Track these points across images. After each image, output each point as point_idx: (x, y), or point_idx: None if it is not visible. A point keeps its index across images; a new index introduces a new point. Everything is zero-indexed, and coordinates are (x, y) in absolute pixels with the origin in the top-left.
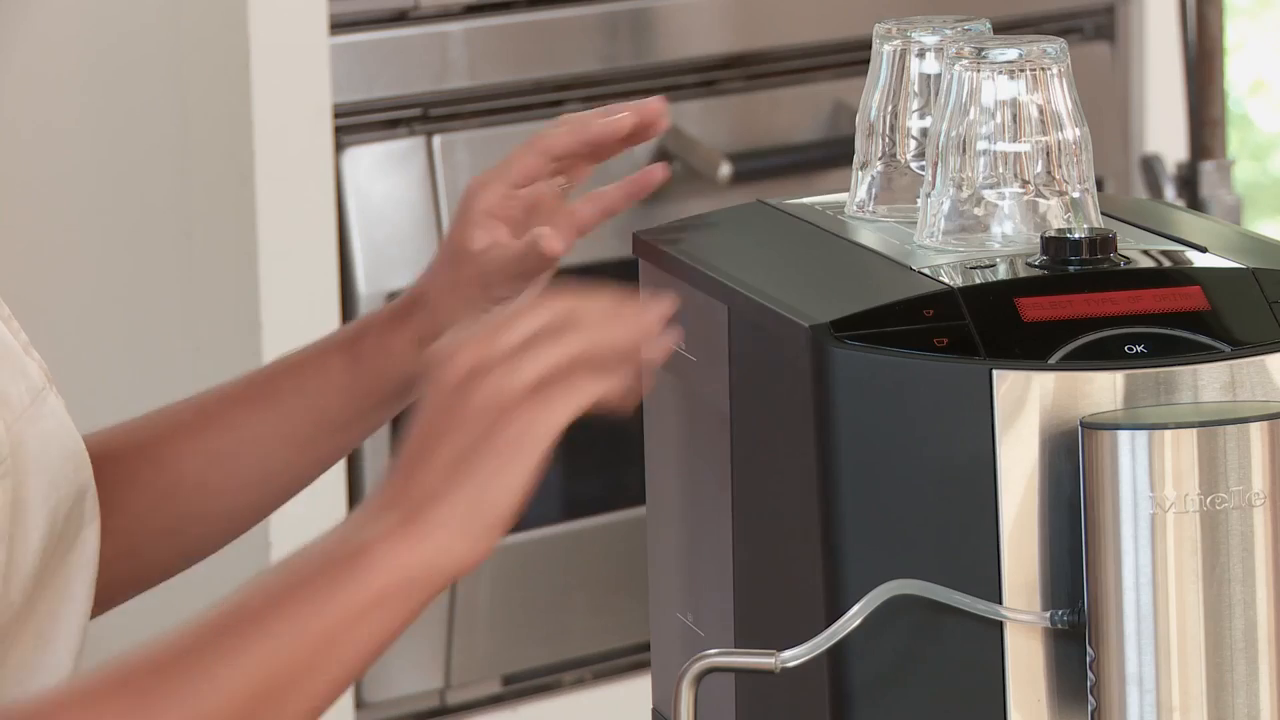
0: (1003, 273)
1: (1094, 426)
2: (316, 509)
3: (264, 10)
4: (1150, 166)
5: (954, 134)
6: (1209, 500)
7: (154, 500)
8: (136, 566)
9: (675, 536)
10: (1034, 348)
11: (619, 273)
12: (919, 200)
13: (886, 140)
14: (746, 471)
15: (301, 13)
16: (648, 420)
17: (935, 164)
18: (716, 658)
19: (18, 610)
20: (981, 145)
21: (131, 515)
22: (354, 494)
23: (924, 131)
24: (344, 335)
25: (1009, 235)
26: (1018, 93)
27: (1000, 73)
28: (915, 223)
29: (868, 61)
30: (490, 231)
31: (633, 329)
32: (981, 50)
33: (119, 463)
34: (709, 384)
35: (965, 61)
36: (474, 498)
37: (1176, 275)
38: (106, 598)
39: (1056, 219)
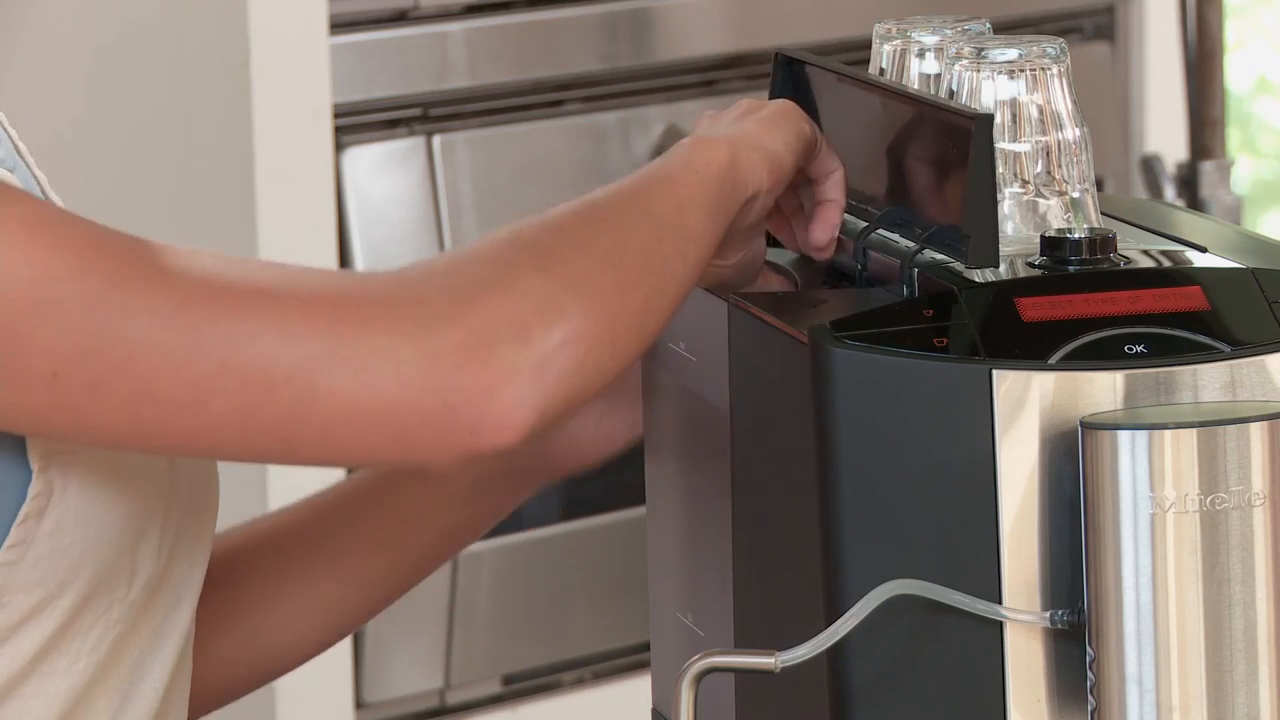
0: (1003, 273)
1: (1094, 426)
2: (315, 486)
3: (264, 10)
4: (1150, 166)
5: None
6: (1209, 500)
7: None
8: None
9: (675, 536)
10: (1034, 348)
11: None
12: None
13: None
14: (746, 471)
15: (301, 13)
16: (647, 420)
17: None
18: (716, 658)
19: (160, 570)
20: None
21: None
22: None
23: None
24: None
25: (1009, 235)
26: (1018, 93)
27: (1000, 73)
28: None
29: (868, 61)
30: None
31: None
32: (981, 50)
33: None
34: (709, 384)
35: (965, 61)
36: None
37: (1176, 275)
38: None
39: (1056, 219)
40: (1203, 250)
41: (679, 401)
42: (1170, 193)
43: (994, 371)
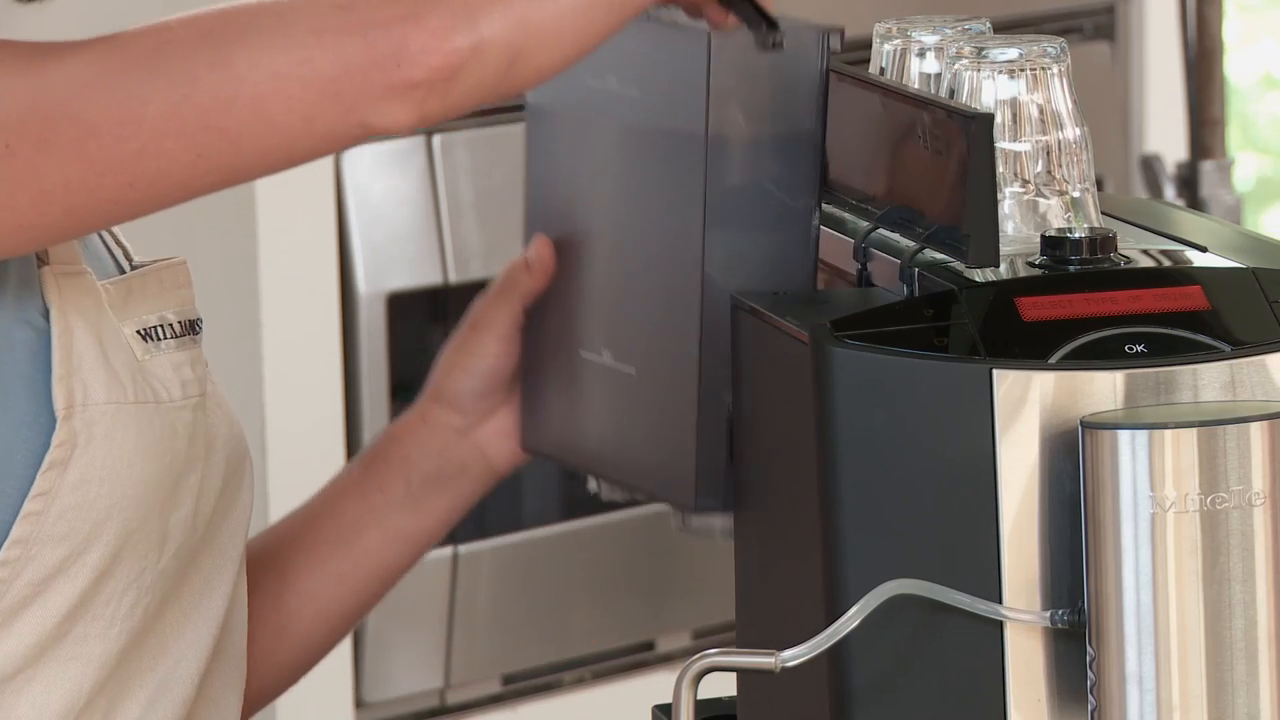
0: (1003, 272)
1: (1094, 426)
2: (315, 484)
3: None
4: (1150, 166)
5: None
6: (1209, 500)
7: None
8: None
9: (589, 261)
10: (1034, 347)
11: None
12: None
13: None
14: (747, 470)
15: None
16: (535, 155)
17: None
18: (717, 657)
19: (195, 544)
20: None
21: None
22: None
23: None
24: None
25: (1009, 235)
26: (1018, 92)
27: (1000, 72)
28: None
29: (868, 61)
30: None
31: None
32: (982, 50)
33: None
34: (660, 116)
35: (965, 61)
36: None
37: (1177, 275)
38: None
39: (1057, 218)
40: (1203, 250)
41: (605, 136)
42: (1170, 192)
43: (994, 371)
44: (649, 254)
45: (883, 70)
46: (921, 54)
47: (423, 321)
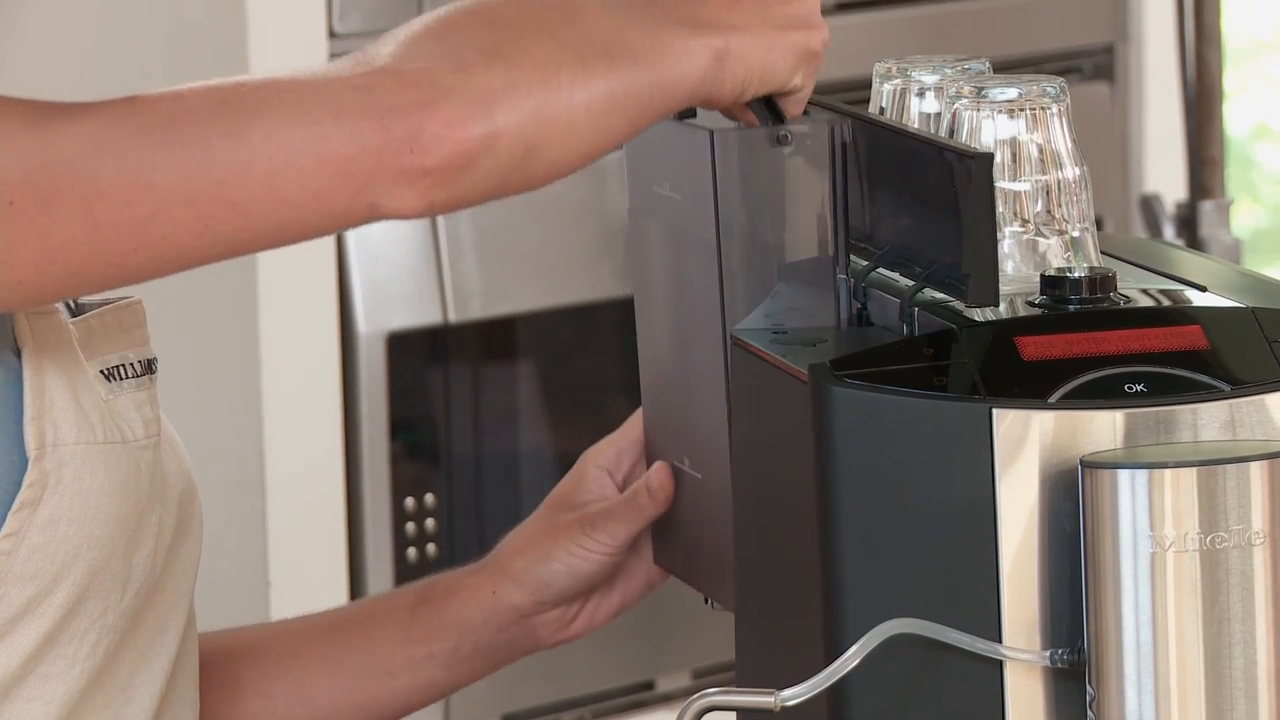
0: (1003, 311)
1: (1094, 465)
2: (315, 523)
3: (264, 37)
4: (1149, 206)
5: None
6: (1209, 539)
7: None
8: None
9: (669, 382)
10: (1034, 387)
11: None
12: None
13: None
14: (747, 509)
15: (300, 48)
16: (633, 266)
17: None
18: (716, 696)
19: (154, 582)
20: None
21: None
22: (352, 508)
23: None
24: (426, 580)
25: (1009, 274)
26: (1017, 132)
27: (1000, 112)
28: None
29: (868, 100)
30: (601, 485)
31: None
32: (981, 89)
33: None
34: (694, 219)
35: (965, 100)
36: None
37: (1176, 314)
38: None
39: (1056, 258)
40: (1202, 289)
41: (665, 241)
42: (1169, 232)
43: (994, 410)
44: (694, 357)
45: (882, 110)
46: (921, 93)
47: (423, 361)
